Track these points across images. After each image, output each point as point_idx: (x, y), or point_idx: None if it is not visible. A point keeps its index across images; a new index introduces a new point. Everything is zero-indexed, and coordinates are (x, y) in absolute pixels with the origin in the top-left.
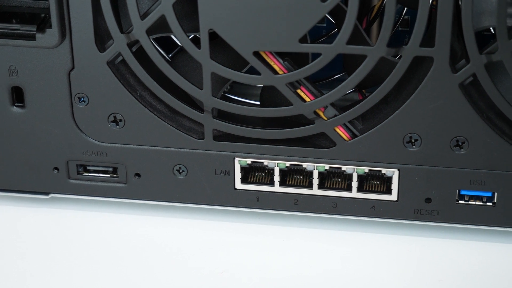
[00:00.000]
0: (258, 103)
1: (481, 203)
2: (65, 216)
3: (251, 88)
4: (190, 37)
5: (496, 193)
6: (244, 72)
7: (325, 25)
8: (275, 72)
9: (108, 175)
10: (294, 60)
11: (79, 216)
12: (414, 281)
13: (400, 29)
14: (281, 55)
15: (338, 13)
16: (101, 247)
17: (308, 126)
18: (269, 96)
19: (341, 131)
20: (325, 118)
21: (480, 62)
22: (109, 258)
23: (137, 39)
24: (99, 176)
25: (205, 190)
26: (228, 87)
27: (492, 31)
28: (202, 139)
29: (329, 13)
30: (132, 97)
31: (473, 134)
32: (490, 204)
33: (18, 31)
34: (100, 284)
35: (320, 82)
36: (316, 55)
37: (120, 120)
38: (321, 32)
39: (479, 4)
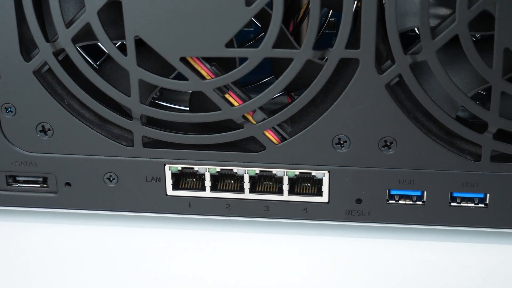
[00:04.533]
0: (188, 108)
1: (411, 202)
2: None
3: (181, 94)
4: (117, 44)
5: (425, 192)
6: (172, 78)
7: (252, 29)
8: (203, 78)
9: (38, 185)
10: (222, 65)
11: (10, 228)
12: (346, 281)
13: (327, 31)
14: (208, 60)
15: (264, 17)
16: (32, 258)
17: (238, 130)
18: (198, 101)
19: (270, 135)
20: (254, 122)
21: (405, 63)
22: (41, 268)
23: (63, 48)
24: (29, 186)
25: (137, 197)
26: (158, 94)
27: (417, 32)
28: (132, 146)
29: (255, 17)
30: (59, 106)
31: (400, 134)
32: (420, 203)
33: None
34: None
35: (249, 86)
36: (244, 60)
37: (49, 130)
38: (249, 36)
39: (402, 5)
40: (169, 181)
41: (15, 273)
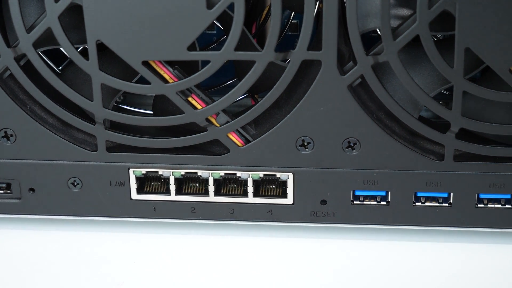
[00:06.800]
0: (152, 112)
1: (375, 202)
2: None
3: (145, 97)
4: (79, 49)
5: (389, 192)
6: (135, 82)
7: (215, 32)
8: (165, 81)
9: (2, 191)
10: (184, 68)
11: None
12: (312, 282)
13: (289, 33)
14: (170, 63)
15: (226, 19)
16: None
17: (201, 133)
18: (162, 105)
19: (234, 137)
20: (218, 125)
21: (367, 64)
22: (4, 274)
23: (24, 53)
24: None
25: (101, 202)
26: (121, 98)
27: (379, 32)
28: (96, 151)
29: (217, 20)
30: (22, 111)
31: (364, 135)
32: (385, 203)
33: None
34: None
35: (213, 88)
36: (206, 62)
37: (11, 135)
38: (211, 39)
39: (363, 6)
40: (133, 185)
41: None
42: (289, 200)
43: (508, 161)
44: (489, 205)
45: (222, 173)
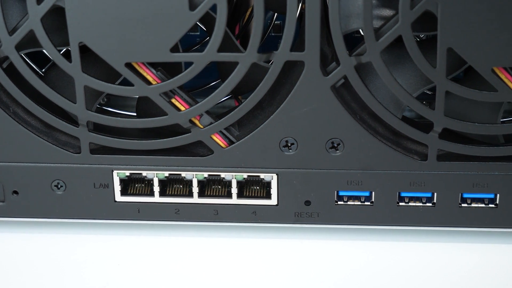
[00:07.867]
0: (135, 114)
1: (359, 202)
2: None
3: (129, 99)
4: (62, 51)
5: (373, 192)
6: (118, 84)
7: (198, 33)
8: (149, 83)
9: None
10: (167, 69)
11: None
12: (296, 283)
13: (273, 34)
14: (154, 65)
15: (208, 21)
16: None
17: (185, 135)
18: (145, 106)
19: (217, 139)
20: (201, 126)
21: (350, 64)
22: None
23: (7, 55)
24: None
25: (85, 204)
26: (105, 100)
27: (362, 33)
28: (79, 153)
29: (200, 21)
30: (5, 114)
31: (347, 135)
32: (368, 203)
33: None
34: None
35: (197, 90)
36: (190, 64)
37: None
38: (195, 41)
39: (346, 7)
40: (117, 187)
41: None
42: (273, 201)
43: (491, 161)
44: (473, 205)
45: (206, 174)
